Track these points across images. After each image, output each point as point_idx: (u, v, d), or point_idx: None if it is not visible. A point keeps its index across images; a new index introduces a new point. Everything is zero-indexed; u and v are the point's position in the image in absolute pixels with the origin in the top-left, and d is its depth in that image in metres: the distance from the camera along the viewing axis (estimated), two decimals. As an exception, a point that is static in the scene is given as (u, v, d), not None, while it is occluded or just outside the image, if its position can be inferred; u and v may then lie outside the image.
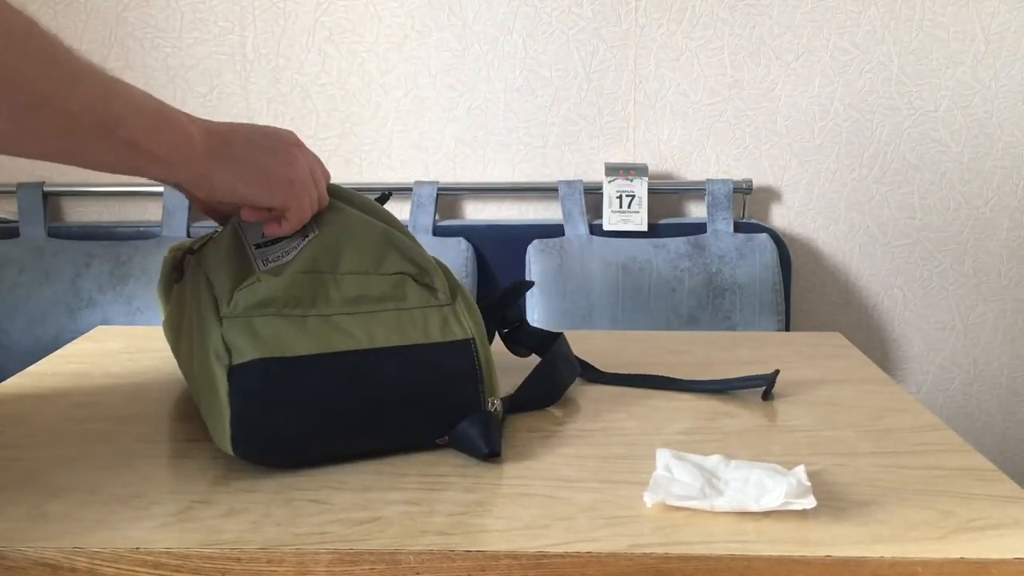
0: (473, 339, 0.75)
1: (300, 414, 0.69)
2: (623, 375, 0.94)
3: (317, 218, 0.77)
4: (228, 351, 0.69)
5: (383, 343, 0.72)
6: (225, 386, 0.68)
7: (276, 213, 0.76)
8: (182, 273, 0.85)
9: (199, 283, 0.77)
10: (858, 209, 1.89)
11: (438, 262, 0.80)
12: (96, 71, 0.64)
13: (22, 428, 0.81)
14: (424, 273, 0.77)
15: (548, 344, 0.90)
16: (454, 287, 0.78)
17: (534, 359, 0.91)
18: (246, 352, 0.69)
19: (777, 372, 0.90)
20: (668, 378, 0.93)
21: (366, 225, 0.78)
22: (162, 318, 0.90)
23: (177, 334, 0.84)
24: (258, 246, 0.75)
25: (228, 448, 0.69)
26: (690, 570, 0.59)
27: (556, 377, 0.88)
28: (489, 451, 0.72)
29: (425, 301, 0.76)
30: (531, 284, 0.90)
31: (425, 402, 0.73)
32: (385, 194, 0.89)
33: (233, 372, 0.68)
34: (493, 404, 0.75)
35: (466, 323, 0.76)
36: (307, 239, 0.75)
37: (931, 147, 1.86)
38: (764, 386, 0.89)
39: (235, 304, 0.71)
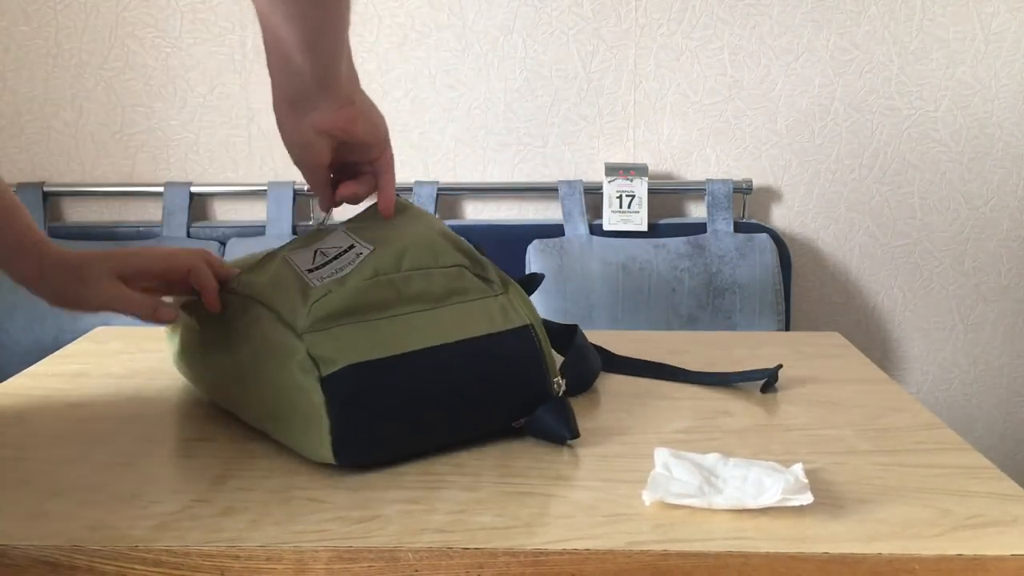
0: (531, 324, 0.78)
1: (393, 412, 0.71)
2: (636, 360, 0.95)
3: (364, 237, 0.79)
4: (316, 364, 0.70)
5: (456, 336, 0.74)
6: (321, 397, 0.69)
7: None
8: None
9: (250, 311, 0.78)
10: (858, 209, 1.89)
11: (484, 255, 0.82)
12: None
13: (22, 428, 0.81)
14: (477, 264, 0.80)
15: (565, 336, 0.92)
16: (504, 277, 0.81)
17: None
18: (336, 361, 0.70)
19: (779, 367, 0.91)
20: (678, 368, 0.95)
21: (416, 225, 0.81)
22: (172, 352, 0.90)
23: (202, 368, 0.85)
24: (309, 270, 0.76)
25: (329, 457, 0.70)
26: (688, 567, 0.59)
27: (588, 365, 0.91)
28: (570, 435, 0.75)
29: (484, 292, 0.78)
30: (543, 276, 0.92)
31: (499, 387, 0.75)
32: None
33: (326, 382, 0.69)
34: (559, 384, 0.78)
35: (522, 310, 0.78)
36: (360, 256, 0.76)
37: (931, 147, 1.86)
38: (766, 379, 0.91)
39: (312, 318, 0.72)
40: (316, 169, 0.81)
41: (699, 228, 1.82)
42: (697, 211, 1.90)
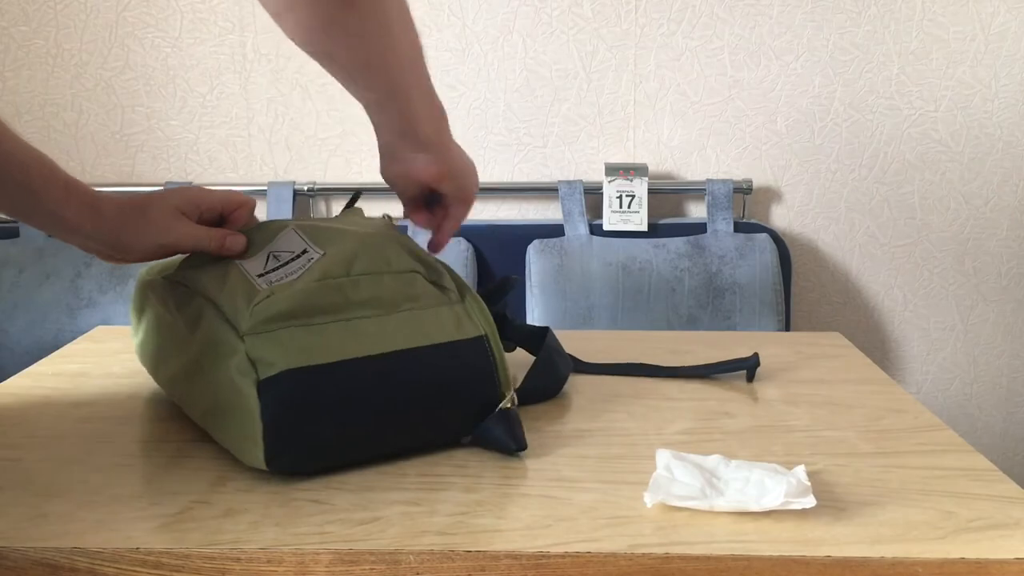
0: (486, 335, 0.76)
1: (331, 420, 0.69)
2: (609, 365, 0.96)
3: (317, 241, 0.78)
4: (254, 366, 0.68)
5: (404, 344, 0.72)
6: (255, 401, 0.67)
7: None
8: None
9: (198, 308, 0.76)
10: (858, 209, 1.89)
11: (441, 263, 0.80)
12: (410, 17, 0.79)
13: (22, 428, 0.81)
14: (432, 271, 0.78)
15: (536, 339, 0.91)
16: (461, 285, 0.79)
17: (522, 354, 0.92)
18: (273, 365, 0.68)
19: (756, 355, 0.94)
20: (652, 365, 0.96)
21: (367, 230, 0.80)
22: (135, 342, 0.89)
23: (157, 360, 0.83)
24: (260, 275, 0.75)
25: (261, 463, 0.68)
26: (690, 570, 0.59)
27: (556, 370, 0.89)
28: (516, 447, 0.73)
29: (438, 300, 0.76)
30: (516, 280, 0.91)
31: (447, 400, 0.73)
32: (355, 195, 0.92)
33: (262, 386, 0.67)
34: (512, 400, 0.75)
35: (477, 320, 0.76)
36: (311, 261, 0.75)
37: (931, 147, 1.86)
38: (745, 370, 0.94)
39: (254, 319, 0.70)
40: (402, 195, 0.91)
41: (699, 228, 1.82)
42: (697, 211, 1.90)
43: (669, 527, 0.63)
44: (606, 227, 1.81)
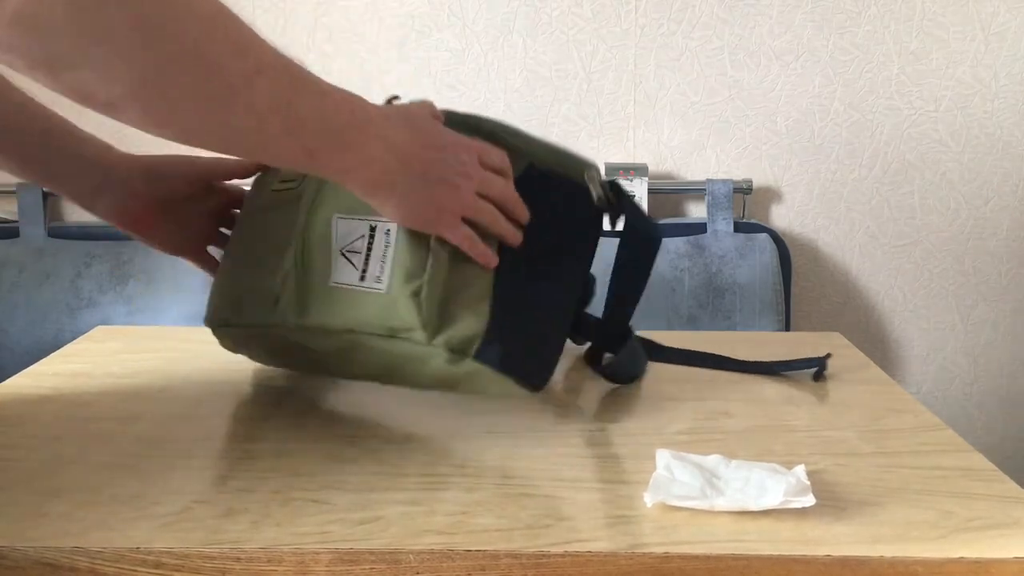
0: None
1: (536, 328, 0.80)
2: (683, 351, 1.00)
3: (365, 209, 0.78)
4: (461, 352, 0.74)
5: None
6: (484, 368, 0.75)
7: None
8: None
9: (347, 343, 0.78)
10: (858, 209, 1.89)
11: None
12: (286, 64, 0.62)
13: (22, 428, 0.81)
14: None
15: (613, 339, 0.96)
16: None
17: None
18: (469, 338, 0.75)
19: (829, 355, 0.96)
20: (722, 356, 0.99)
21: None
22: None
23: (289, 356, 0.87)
24: (361, 279, 0.77)
25: (527, 390, 0.79)
26: (690, 569, 0.59)
27: (638, 365, 0.96)
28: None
29: None
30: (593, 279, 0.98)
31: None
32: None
33: (480, 357, 0.75)
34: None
35: None
36: (389, 232, 0.76)
37: (931, 147, 1.86)
38: (816, 368, 0.96)
39: (428, 327, 0.74)
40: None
41: (699, 228, 1.82)
42: (697, 211, 1.90)
43: (669, 527, 0.63)
44: (606, 227, 1.80)
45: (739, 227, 1.81)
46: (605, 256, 0.94)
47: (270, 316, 0.78)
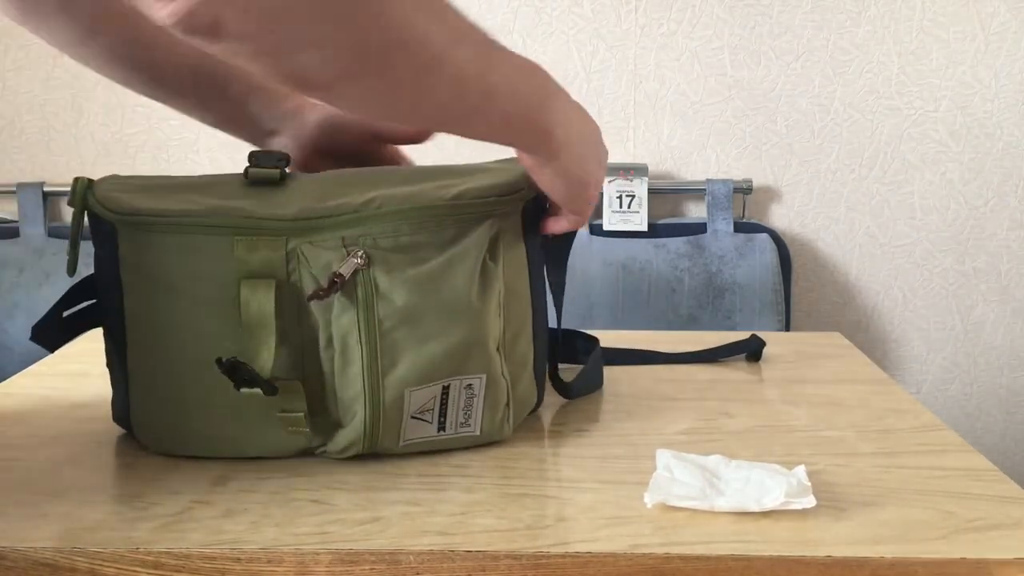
0: None
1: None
2: (614, 350, 0.99)
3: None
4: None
5: None
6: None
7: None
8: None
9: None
10: (858, 209, 1.89)
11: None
12: (480, 34, 0.62)
13: (22, 428, 0.81)
14: None
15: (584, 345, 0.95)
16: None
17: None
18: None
19: (756, 338, 1.00)
20: (654, 352, 1.00)
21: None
22: None
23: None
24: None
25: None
26: (690, 570, 0.59)
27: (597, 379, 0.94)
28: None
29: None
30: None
31: None
32: None
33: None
34: None
35: None
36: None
37: (931, 147, 1.86)
38: (748, 352, 1.00)
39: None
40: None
41: (699, 228, 1.82)
42: (697, 211, 1.90)
43: (669, 527, 0.63)
44: (606, 227, 1.80)
45: (739, 227, 1.81)
46: (605, 256, 0.93)
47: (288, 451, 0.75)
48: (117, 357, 0.75)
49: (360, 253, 0.69)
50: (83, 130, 1.86)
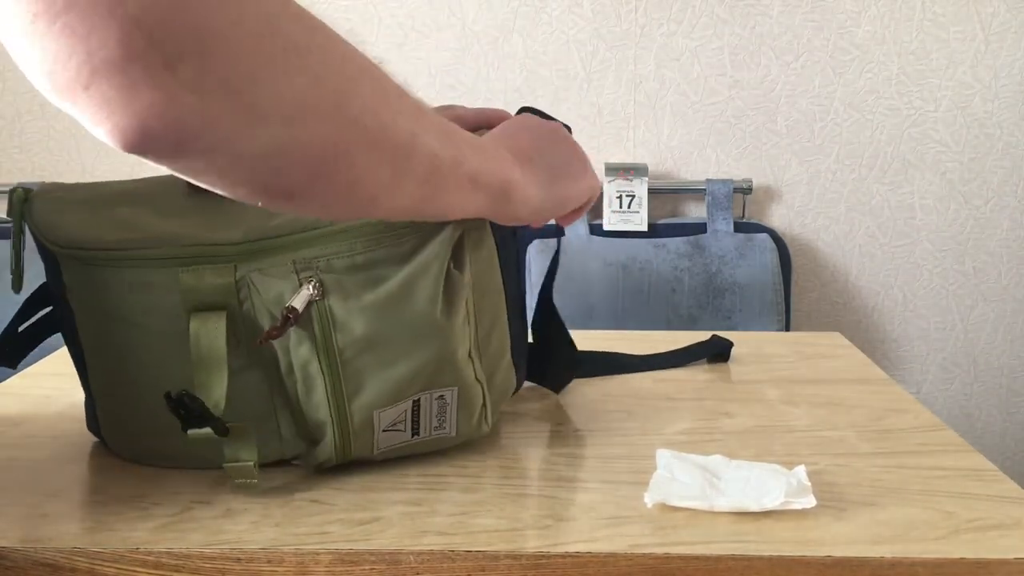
0: None
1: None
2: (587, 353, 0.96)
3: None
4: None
5: None
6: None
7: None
8: None
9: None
10: (858, 209, 1.89)
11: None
12: (422, 104, 0.58)
13: (22, 428, 0.81)
14: None
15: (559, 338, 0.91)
16: None
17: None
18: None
19: (725, 340, 1.01)
20: (625, 355, 0.98)
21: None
22: None
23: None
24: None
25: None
26: (690, 570, 0.59)
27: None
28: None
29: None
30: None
31: None
32: None
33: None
34: None
35: None
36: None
37: (931, 147, 1.86)
38: (718, 352, 1.00)
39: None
40: None
41: (699, 228, 1.82)
42: (697, 211, 1.90)
43: (669, 527, 0.63)
44: (606, 227, 1.80)
45: (739, 227, 1.81)
46: (605, 256, 0.93)
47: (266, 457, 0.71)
48: (80, 370, 0.75)
49: (314, 283, 0.66)
50: (83, 130, 1.86)
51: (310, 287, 0.65)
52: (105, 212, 0.69)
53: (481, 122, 0.80)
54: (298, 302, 0.65)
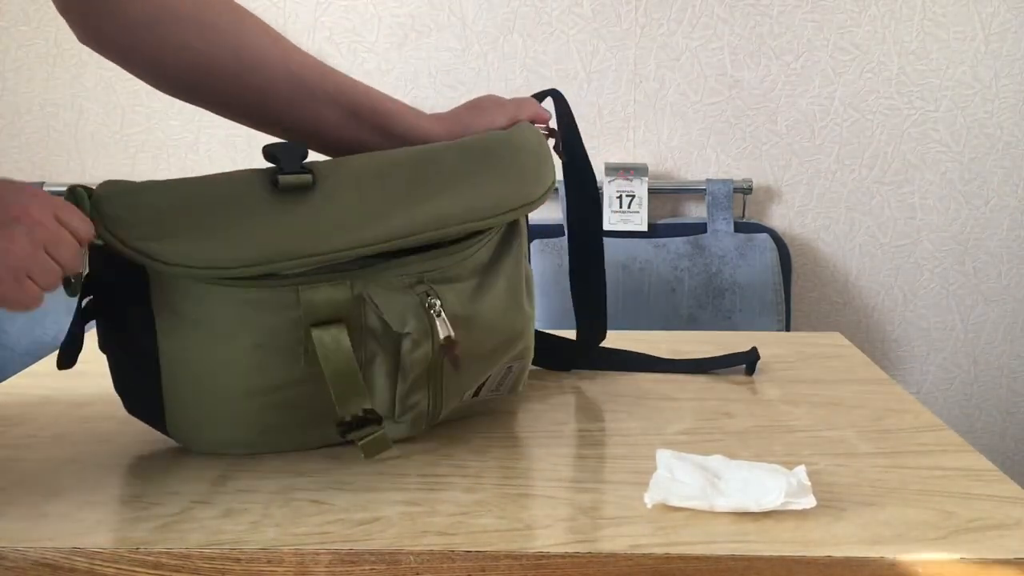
0: None
1: None
2: (611, 350, 0.98)
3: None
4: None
5: None
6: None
7: None
8: None
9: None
10: (858, 209, 1.89)
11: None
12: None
13: (22, 428, 0.81)
14: None
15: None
16: None
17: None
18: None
19: (755, 349, 0.98)
20: (652, 357, 0.98)
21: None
22: None
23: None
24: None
25: None
26: (691, 570, 0.59)
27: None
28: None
29: None
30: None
31: None
32: None
33: None
34: None
35: None
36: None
37: (931, 147, 1.86)
38: (745, 364, 0.97)
39: None
40: None
41: (699, 228, 1.82)
42: (697, 211, 1.90)
43: (669, 527, 0.62)
44: (606, 227, 1.80)
45: (739, 227, 1.81)
46: (605, 256, 0.93)
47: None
48: (140, 367, 0.72)
49: (436, 304, 0.70)
50: (83, 130, 1.86)
51: (436, 304, 0.70)
52: (198, 221, 0.68)
53: (520, 113, 0.87)
54: (441, 328, 0.70)
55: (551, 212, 1.89)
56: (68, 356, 0.72)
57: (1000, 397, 1.96)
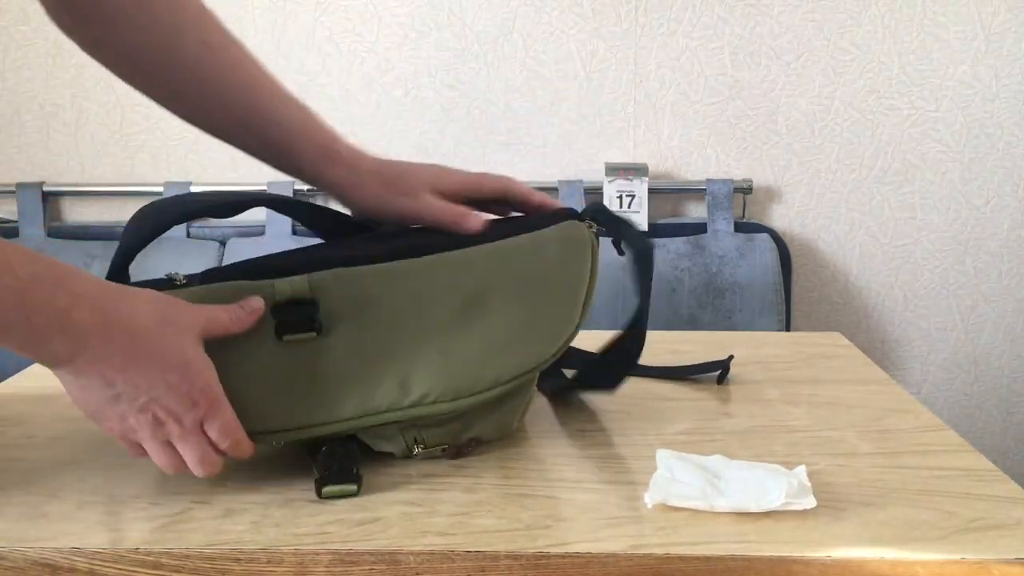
0: None
1: None
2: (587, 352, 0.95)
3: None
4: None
5: None
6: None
7: None
8: None
9: None
10: (858, 209, 1.89)
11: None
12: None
13: (22, 428, 0.81)
14: None
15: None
16: None
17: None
18: None
19: (731, 357, 0.95)
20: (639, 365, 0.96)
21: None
22: None
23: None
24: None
25: None
26: (691, 571, 0.59)
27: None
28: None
29: None
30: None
31: None
32: None
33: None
34: None
35: None
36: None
37: (931, 147, 1.86)
38: (719, 371, 0.94)
39: None
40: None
41: (699, 228, 1.82)
42: (697, 211, 1.90)
43: (670, 527, 0.62)
44: (606, 227, 1.80)
45: (739, 227, 1.81)
46: (605, 256, 0.93)
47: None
48: None
49: (419, 449, 0.73)
50: (83, 130, 1.86)
51: (420, 449, 0.73)
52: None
53: (480, 186, 0.82)
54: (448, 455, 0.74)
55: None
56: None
57: (1000, 397, 1.96)
